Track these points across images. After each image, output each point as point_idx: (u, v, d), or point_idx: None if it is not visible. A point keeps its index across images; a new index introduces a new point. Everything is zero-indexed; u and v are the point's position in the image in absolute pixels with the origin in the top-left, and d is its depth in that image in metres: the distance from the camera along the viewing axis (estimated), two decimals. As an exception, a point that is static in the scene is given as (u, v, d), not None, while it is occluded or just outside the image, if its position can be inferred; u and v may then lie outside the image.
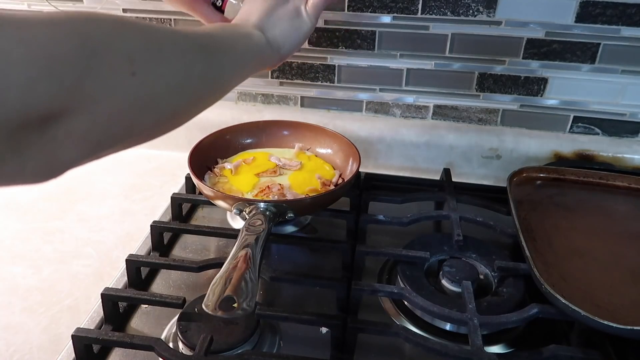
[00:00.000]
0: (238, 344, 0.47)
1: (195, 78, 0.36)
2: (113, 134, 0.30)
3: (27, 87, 0.22)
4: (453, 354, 0.46)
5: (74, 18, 0.26)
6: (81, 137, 0.27)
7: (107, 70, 0.27)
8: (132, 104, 0.30)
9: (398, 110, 0.86)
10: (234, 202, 0.56)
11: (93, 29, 0.27)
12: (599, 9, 0.72)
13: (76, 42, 0.25)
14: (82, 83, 0.25)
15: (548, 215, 0.64)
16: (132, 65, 0.29)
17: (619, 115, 0.80)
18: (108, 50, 0.27)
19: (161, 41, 0.33)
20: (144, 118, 0.32)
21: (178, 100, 0.35)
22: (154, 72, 0.31)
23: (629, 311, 0.49)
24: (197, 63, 0.37)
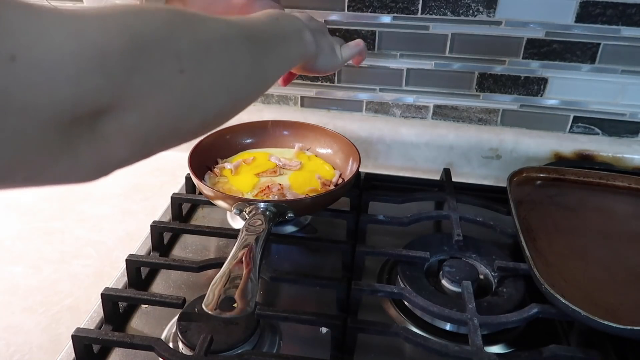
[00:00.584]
0: (238, 344, 0.47)
1: (242, 77, 0.36)
2: (160, 133, 0.30)
3: (78, 80, 0.23)
4: (453, 354, 0.46)
5: (124, 12, 0.27)
6: (130, 134, 0.27)
7: (156, 67, 0.27)
8: (179, 102, 0.30)
9: (398, 110, 0.86)
10: (234, 202, 0.56)
11: (143, 24, 0.27)
12: (599, 9, 0.72)
13: (126, 37, 0.25)
14: (131, 78, 0.26)
15: (548, 215, 0.64)
16: (180, 62, 0.29)
17: (619, 115, 0.80)
18: (157, 47, 0.27)
19: (211, 38, 0.32)
20: (191, 117, 0.32)
21: (225, 99, 0.35)
22: (203, 71, 0.31)
23: (629, 311, 0.49)
24: (245, 61, 0.36)
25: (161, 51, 0.28)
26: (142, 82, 0.26)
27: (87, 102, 0.24)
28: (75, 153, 0.25)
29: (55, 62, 0.22)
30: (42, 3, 0.23)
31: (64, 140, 0.24)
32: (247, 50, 0.36)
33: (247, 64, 0.36)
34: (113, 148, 0.27)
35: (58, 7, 0.23)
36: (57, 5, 0.24)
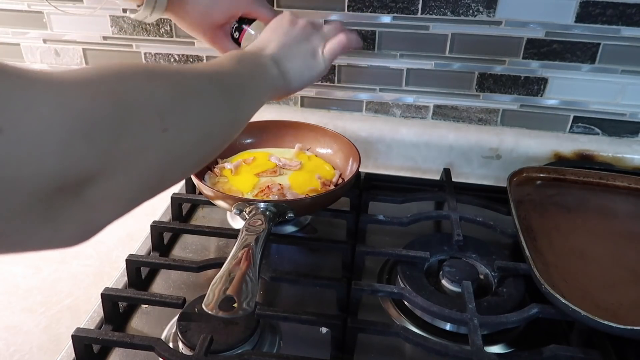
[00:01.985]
0: (238, 344, 0.47)
1: (218, 125, 0.37)
2: (145, 191, 0.30)
3: (64, 151, 0.22)
4: (453, 354, 0.46)
5: (105, 76, 0.27)
6: (115, 198, 0.27)
7: (141, 130, 0.27)
8: (163, 159, 0.30)
9: (398, 110, 0.86)
10: (234, 202, 0.56)
11: (125, 88, 0.27)
12: (599, 9, 0.72)
13: (110, 103, 0.25)
14: (117, 144, 0.26)
15: (548, 215, 0.64)
16: (163, 121, 0.29)
17: (619, 115, 0.80)
18: (141, 110, 0.28)
19: (187, 91, 0.33)
20: (175, 170, 0.32)
21: (205, 148, 0.36)
22: (184, 125, 0.31)
23: (629, 311, 0.49)
24: (220, 109, 0.37)
25: (145, 113, 0.28)
26: (128, 147, 0.26)
27: (73, 172, 0.23)
28: (59, 221, 0.24)
29: (42, 134, 0.21)
30: (30, 68, 0.23)
31: (48, 210, 0.23)
32: (221, 99, 0.37)
33: (222, 112, 0.38)
34: (98, 213, 0.27)
35: (45, 73, 0.23)
36: (44, 70, 0.23)
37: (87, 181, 0.25)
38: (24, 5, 0.86)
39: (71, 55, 0.90)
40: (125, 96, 0.27)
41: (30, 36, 0.89)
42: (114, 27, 0.85)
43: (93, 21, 0.86)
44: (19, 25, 0.88)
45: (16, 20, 0.88)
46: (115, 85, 0.27)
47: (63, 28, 0.88)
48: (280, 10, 0.79)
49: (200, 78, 0.36)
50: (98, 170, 0.25)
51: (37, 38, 0.89)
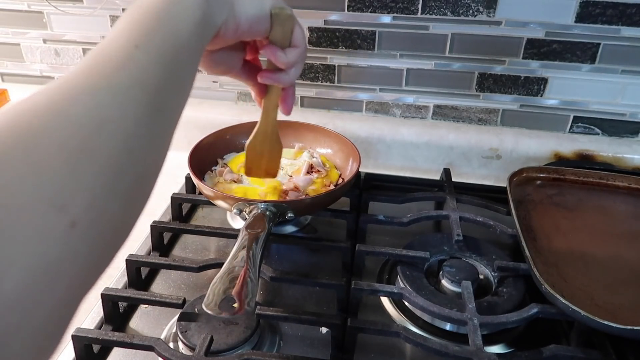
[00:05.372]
0: (238, 344, 0.47)
1: (144, 136, 0.27)
2: (69, 313, 0.24)
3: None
4: (453, 354, 0.46)
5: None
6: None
7: (36, 246, 0.20)
8: (78, 266, 0.22)
9: (398, 110, 0.86)
10: (234, 202, 0.56)
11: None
12: (599, 9, 0.72)
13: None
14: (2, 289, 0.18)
15: (548, 215, 0.64)
16: (64, 212, 0.21)
17: (619, 115, 0.80)
18: (26, 210, 0.20)
19: (86, 147, 0.23)
20: (98, 258, 0.24)
21: (136, 197, 0.28)
22: (96, 196, 0.23)
23: (629, 311, 0.49)
24: (142, 113, 0.27)
25: (37, 212, 0.20)
26: (12, 287, 0.19)
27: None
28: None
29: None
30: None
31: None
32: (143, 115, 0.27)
33: (151, 127, 0.27)
34: None
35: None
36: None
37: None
38: (24, 5, 0.86)
39: (71, 55, 0.90)
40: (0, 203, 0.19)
41: (30, 36, 0.89)
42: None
43: (93, 21, 0.86)
44: (19, 25, 0.88)
45: (16, 20, 0.88)
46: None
47: (63, 28, 0.88)
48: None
49: (98, 100, 0.25)
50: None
51: (37, 38, 0.89)
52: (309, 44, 0.81)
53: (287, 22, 0.44)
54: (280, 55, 0.45)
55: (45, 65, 0.92)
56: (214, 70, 0.46)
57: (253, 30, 0.41)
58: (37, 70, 0.93)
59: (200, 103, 0.88)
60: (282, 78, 0.47)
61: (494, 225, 0.63)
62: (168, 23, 0.30)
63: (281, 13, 0.43)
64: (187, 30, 0.32)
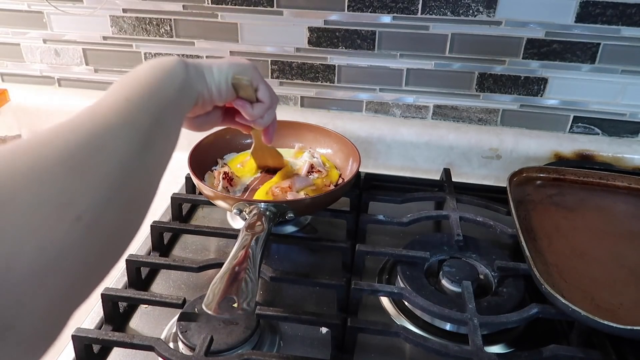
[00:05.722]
0: (238, 344, 0.47)
1: (138, 166, 0.31)
2: (73, 304, 0.27)
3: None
4: (453, 354, 0.46)
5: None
6: (35, 337, 0.24)
7: (47, 235, 0.23)
8: (85, 255, 0.26)
9: (398, 110, 0.86)
10: (234, 202, 0.56)
11: (10, 190, 0.23)
12: (599, 9, 0.72)
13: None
14: (12, 270, 0.22)
15: (548, 215, 0.64)
16: (72, 208, 0.25)
17: (619, 115, 0.80)
18: (38, 206, 0.23)
19: (85, 149, 0.27)
20: (102, 254, 0.28)
21: (132, 206, 0.31)
22: (97, 197, 0.27)
23: (629, 311, 0.49)
24: (134, 148, 0.31)
25: (47, 208, 0.24)
26: (28, 265, 0.22)
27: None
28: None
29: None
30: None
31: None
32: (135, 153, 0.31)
33: (144, 161, 0.32)
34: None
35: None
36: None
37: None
38: (24, 5, 0.86)
39: (71, 55, 0.90)
40: (11, 200, 0.23)
41: (30, 36, 0.89)
42: (114, 27, 0.85)
43: (93, 21, 0.86)
44: (19, 25, 0.88)
45: (16, 20, 0.88)
46: (3, 189, 0.23)
47: (63, 28, 0.88)
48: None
49: (96, 127, 0.29)
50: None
51: (37, 38, 0.89)
52: (309, 44, 0.81)
53: (247, 87, 0.50)
54: (248, 108, 0.52)
55: (45, 65, 0.92)
56: (200, 129, 0.53)
57: (222, 97, 0.49)
58: (37, 70, 0.93)
59: (200, 103, 0.88)
60: (257, 122, 0.55)
61: (494, 225, 0.63)
62: (155, 86, 0.37)
63: (240, 82, 0.49)
64: (172, 92, 0.38)
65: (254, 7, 0.80)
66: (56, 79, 0.93)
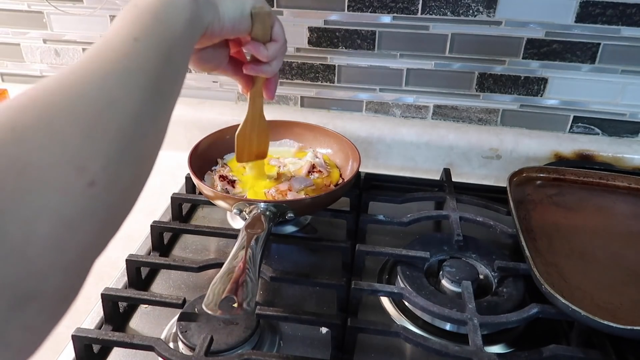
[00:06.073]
0: (238, 344, 0.47)
1: (148, 114, 0.30)
2: (85, 271, 0.27)
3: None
4: (453, 354, 0.46)
5: (4, 145, 0.22)
6: (48, 324, 0.25)
7: (60, 200, 0.23)
8: (98, 223, 0.26)
9: (398, 110, 0.86)
10: (234, 202, 0.56)
11: (20, 148, 0.23)
12: (599, 9, 0.72)
13: (12, 180, 0.22)
14: (32, 236, 0.22)
15: (548, 215, 0.64)
16: (85, 172, 0.24)
17: (619, 115, 0.80)
18: (50, 169, 0.23)
19: (94, 104, 0.27)
20: (115, 216, 0.28)
21: (145, 160, 0.31)
22: (110, 156, 0.26)
23: (629, 311, 0.49)
24: (145, 94, 0.30)
25: (58, 172, 0.24)
26: (46, 233, 0.22)
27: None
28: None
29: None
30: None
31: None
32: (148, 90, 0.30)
33: (149, 111, 0.31)
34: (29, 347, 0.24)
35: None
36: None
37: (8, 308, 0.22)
38: (24, 5, 0.86)
39: (71, 55, 0.90)
40: (28, 163, 0.22)
41: (30, 36, 0.89)
42: (114, 27, 0.85)
43: (93, 21, 0.86)
44: (19, 25, 0.88)
45: (16, 20, 0.88)
46: (12, 152, 0.22)
47: (63, 28, 0.88)
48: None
49: (105, 78, 0.28)
50: (17, 280, 0.22)
51: (37, 38, 0.89)
52: (309, 44, 0.81)
53: (266, 20, 0.48)
54: (262, 49, 0.49)
55: (45, 65, 0.92)
56: (203, 66, 0.50)
57: (236, 29, 0.45)
58: (37, 70, 0.93)
59: (200, 103, 0.88)
60: (265, 69, 0.52)
61: (494, 225, 0.63)
62: (163, 21, 0.34)
63: (261, 12, 0.47)
64: (180, 27, 0.36)
65: (254, 7, 0.80)
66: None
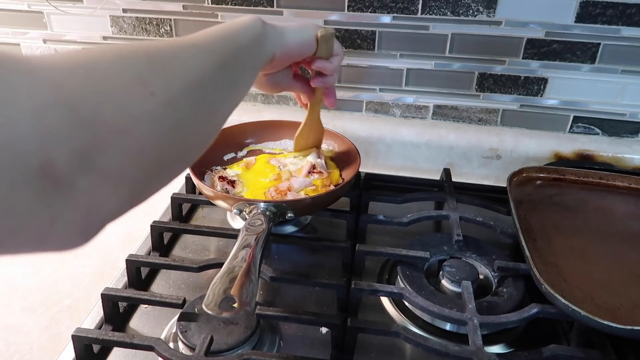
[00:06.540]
0: (238, 344, 0.47)
1: (212, 89, 0.34)
2: (146, 169, 0.28)
3: (38, 118, 0.21)
4: (453, 354, 0.46)
5: (74, 54, 0.26)
6: (113, 179, 0.25)
7: (122, 95, 0.26)
8: (158, 129, 0.28)
9: (398, 110, 0.86)
10: (234, 202, 0.56)
11: (95, 58, 0.26)
12: (599, 9, 0.72)
13: (81, 72, 0.24)
14: (100, 112, 0.24)
15: (548, 215, 0.64)
16: (146, 86, 0.27)
17: (619, 115, 0.80)
18: (117, 75, 0.26)
19: (167, 56, 0.31)
20: (175, 145, 0.30)
21: (204, 117, 0.34)
22: (172, 89, 0.29)
23: (629, 311, 0.49)
24: (211, 71, 0.34)
25: (122, 79, 0.27)
26: (114, 114, 0.25)
27: (56, 145, 0.22)
28: (54, 209, 0.22)
29: (7, 98, 0.20)
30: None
31: (39, 195, 0.21)
32: (209, 61, 0.35)
33: (214, 74, 0.35)
34: (97, 201, 0.25)
35: (12, 52, 0.22)
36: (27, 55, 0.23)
37: (77, 158, 0.23)
38: (24, 5, 0.86)
39: (71, 55, 0.90)
40: (97, 64, 0.26)
41: (30, 36, 0.89)
42: (114, 27, 0.85)
43: (93, 21, 0.86)
44: (19, 25, 0.88)
45: (16, 20, 0.88)
46: (84, 58, 0.26)
47: (63, 28, 0.88)
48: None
49: (178, 43, 0.34)
50: (85, 143, 0.23)
51: (37, 38, 0.89)
52: (309, 44, 0.81)
53: (330, 40, 0.55)
54: (328, 65, 0.56)
55: (45, 65, 0.92)
56: (273, 89, 0.57)
57: (303, 53, 0.53)
58: (37, 70, 0.93)
59: (200, 103, 0.88)
60: (330, 80, 0.59)
61: (494, 225, 0.63)
62: (234, 32, 0.40)
63: (326, 34, 0.53)
64: (247, 40, 0.41)
65: (254, 7, 0.80)
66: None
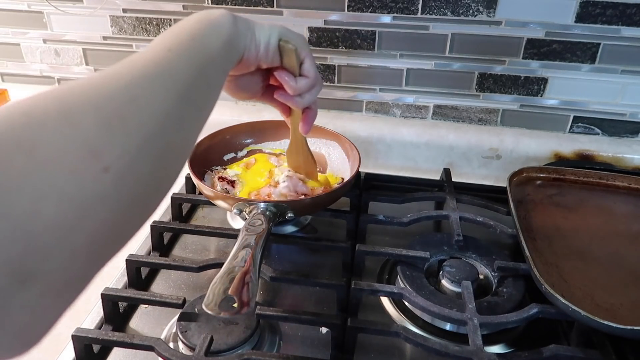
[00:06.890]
0: (238, 344, 0.47)
1: (175, 124, 0.30)
2: (97, 256, 0.26)
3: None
4: (453, 354, 0.46)
5: (14, 125, 0.23)
6: (57, 285, 0.23)
7: (72, 181, 0.23)
8: (113, 207, 0.25)
9: (398, 110, 0.86)
10: (234, 202, 0.56)
11: (36, 128, 0.23)
12: (599, 9, 0.72)
13: (20, 158, 0.21)
14: (40, 209, 0.22)
15: (548, 215, 0.64)
16: (99, 158, 0.24)
17: (619, 115, 0.80)
18: (63, 152, 0.23)
19: (118, 103, 0.27)
20: (133, 211, 0.28)
21: (167, 157, 0.30)
22: (129, 148, 0.26)
23: (629, 311, 0.49)
24: (170, 102, 0.30)
25: (72, 154, 0.23)
26: (55, 210, 0.22)
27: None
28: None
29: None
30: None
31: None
32: (169, 96, 0.30)
33: (182, 117, 0.31)
34: (37, 315, 0.24)
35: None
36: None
37: (11, 274, 0.21)
38: (24, 5, 0.86)
39: (71, 55, 0.90)
40: (42, 139, 0.22)
41: (30, 36, 0.89)
42: (114, 27, 0.85)
43: (93, 21, 0.86)
44: (19, 25, 0.88)
45: (16, 20, 0.88)
46: (24, 131, 0.22)
47: (63, 28, 0.88)
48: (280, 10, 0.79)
49: (132, 77, 0.29)
50: (20, 253, 0.21)
51: (37, 38, 0.89)
52: (309, 44, 0.81)
53: (292, 55, 0.48)
54: (289, 80, 0.49)
55: (45, 65, 0.92)
56: (238, 94, 0.51)
57: (269, 57, 0.46)
58: (37, 70, 0.93)
59: (200, 103, 0.88)
60: (295, 100, 0.52)
61: (494, 225, 0.63)
62: (200, 39, 0.35)
63: (284, 46, 0.47)
64: (216, 47, 0.37)
65: (254, 7, 0.80)
66: (56, 79, 0.93)
